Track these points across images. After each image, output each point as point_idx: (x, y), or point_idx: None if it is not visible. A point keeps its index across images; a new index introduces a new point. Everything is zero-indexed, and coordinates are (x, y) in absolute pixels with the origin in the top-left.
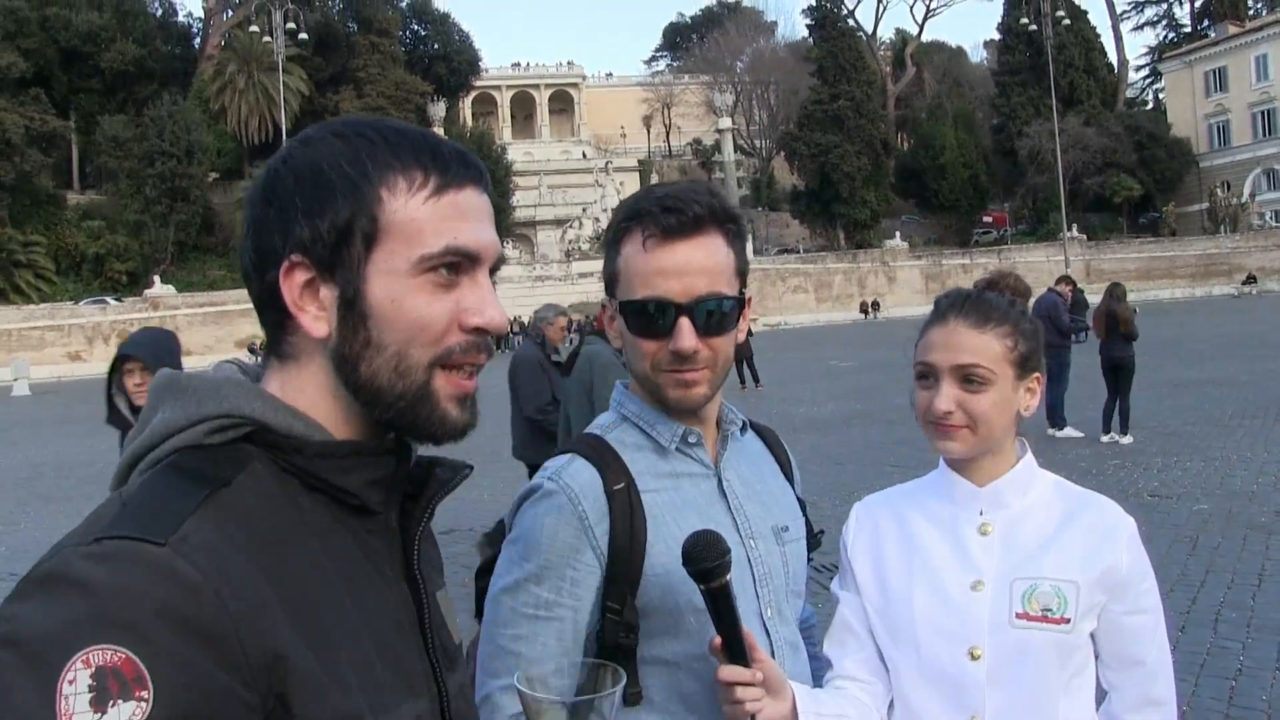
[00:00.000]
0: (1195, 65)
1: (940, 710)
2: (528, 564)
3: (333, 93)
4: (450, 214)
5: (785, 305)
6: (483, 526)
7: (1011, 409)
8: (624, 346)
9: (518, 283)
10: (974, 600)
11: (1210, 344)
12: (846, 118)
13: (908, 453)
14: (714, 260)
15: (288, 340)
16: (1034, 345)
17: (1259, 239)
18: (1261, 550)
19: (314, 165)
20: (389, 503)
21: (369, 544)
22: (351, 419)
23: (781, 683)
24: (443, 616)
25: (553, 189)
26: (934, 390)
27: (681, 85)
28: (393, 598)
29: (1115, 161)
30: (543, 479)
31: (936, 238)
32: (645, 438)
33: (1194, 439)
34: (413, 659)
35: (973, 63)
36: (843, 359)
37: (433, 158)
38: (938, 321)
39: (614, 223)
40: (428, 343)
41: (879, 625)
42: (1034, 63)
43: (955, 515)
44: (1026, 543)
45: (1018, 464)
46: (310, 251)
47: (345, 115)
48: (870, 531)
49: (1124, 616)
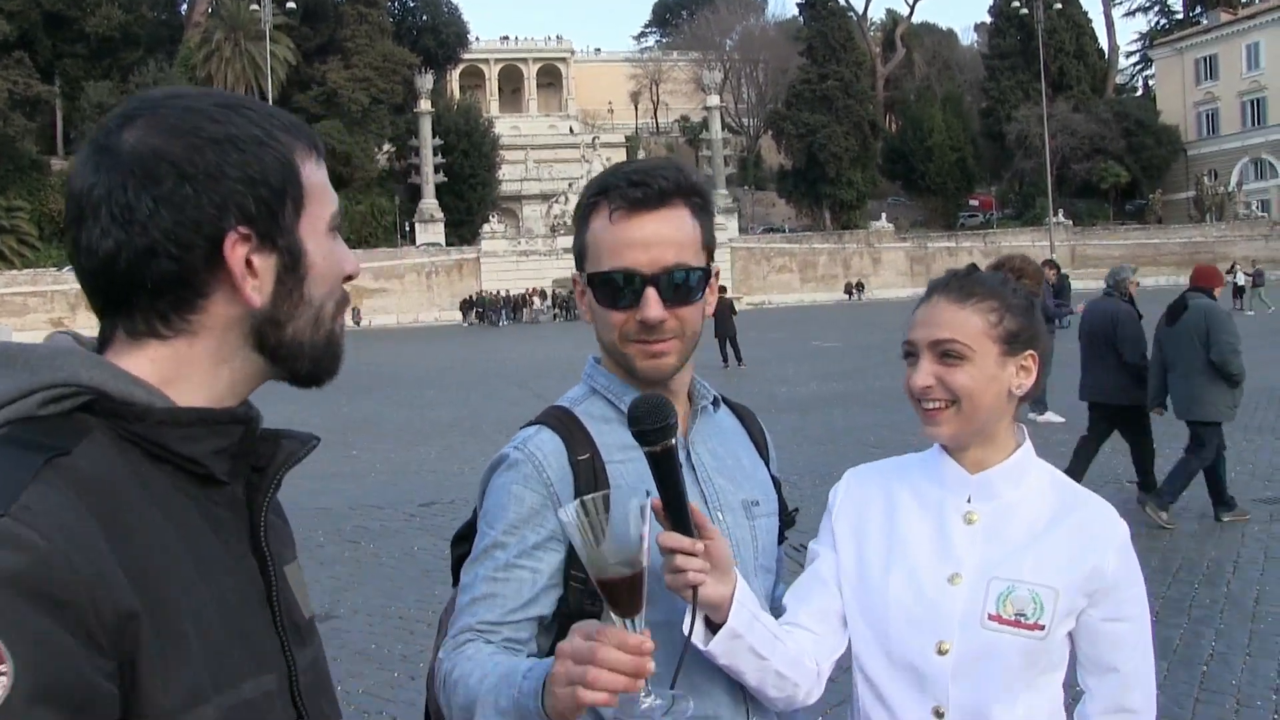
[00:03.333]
0: (1186, 52)
1: (904, 696)
2: (493, 530)
3: (320, 63)
4: (326, 177)
5: (770, 285)
6: (461, 499)
7: (998, 386)
8: (593, 320)
9: (503, 256)
10: (948, 595)
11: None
12: (835, 98)
13: (889, 435)
14: (680, 232)
15: (185, 318)
16: (1025, 322)
17: (1245, 228)
18: (1238, 538)
19: (230, 137)
20: (235, 474)
21: (215, 516)
22: (235, 385)
23: (728, 566)
24: (291, 591)
25: (539, 164)
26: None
27: (670, 62)
28: (240, 571)
29: (1103, 148)
30: (509, 449)
31: (922, 220)
32: (613, 410)
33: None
34: (261, 633)
35: (963, 45)
36: (826, 340)
37: (297, 127)
38: (924, 300)
39: (582, 198)
40: (336, 292)
41: (851, 602)
42: (1024, 47)
43: (943, 500)
44: (1011, 538)
45: (1014, 454)
46: (255, 221)
47: (338, 84)
48: (857, 502)
49: (1102, 623)
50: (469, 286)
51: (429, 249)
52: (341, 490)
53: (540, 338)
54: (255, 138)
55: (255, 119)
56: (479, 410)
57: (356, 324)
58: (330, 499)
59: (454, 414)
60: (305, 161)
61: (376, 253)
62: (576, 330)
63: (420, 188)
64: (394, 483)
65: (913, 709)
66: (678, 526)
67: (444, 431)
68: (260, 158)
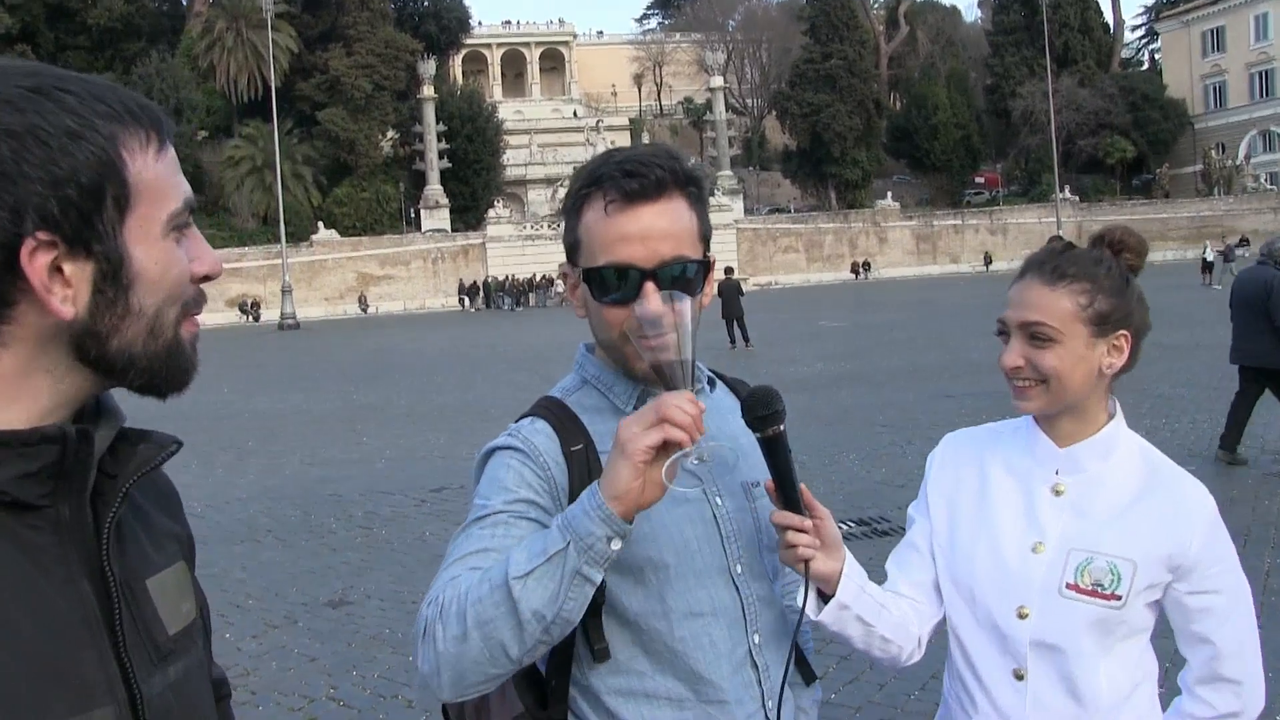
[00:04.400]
0: (1193, 25)
1: (989, 655)
2: (490, 501)
3: (322, 50)
4: (173, 169)
5: (776, 265)
6: (471, 484)
7: (1088, 367)
8: (588, 316)
9: (508, 242)
10: (1030, 563)
11: (1201, 307)
12: (839, 77)
13: (897, 415)
14: (678, 224)
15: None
16: (1118, 302)
17: (1253, 201)
18: (1249, 511)
19: (33, 129)
20: (60, 493)
21: (32, 542)
22: (61, 400)
23: (837, 544)
24: (153, 607)
25: (543, 148)
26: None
27: (673, 44)
28: (62, 599)
29: (1109, 123)
30: (504, 438)
31: (928, 198)
32: (605, 400)
33: (1182, 402)
34: (88, 666)
35: (967, 22)
36: (833, 320)
37: (142, 111)
38: (1018, 279)
39: (573, 189)
40: (178, 299)
41: (942, 565)
42: (1029, 22)
43: (1032, 471)
44: (1095, 511)
45: (1104, 428)
46: (60, 227)
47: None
48: (953, 473)
49: (1188, 596)
50: (475, 272)
51: (434, 235)
52: (352, 476)
53: (548, 322)
54: (66, 129)
55: (72, 105)
56: (486, 395)
57: (364, 311)
58: (341, 485)
59: (461, 399)
60: (136, 154)
61: (382, 240)
62: None
63: (425, 174)
64: (404, 468)
65: (996, 670)
66: (788, 505)
67: (452, 417)
68: (71, 153)
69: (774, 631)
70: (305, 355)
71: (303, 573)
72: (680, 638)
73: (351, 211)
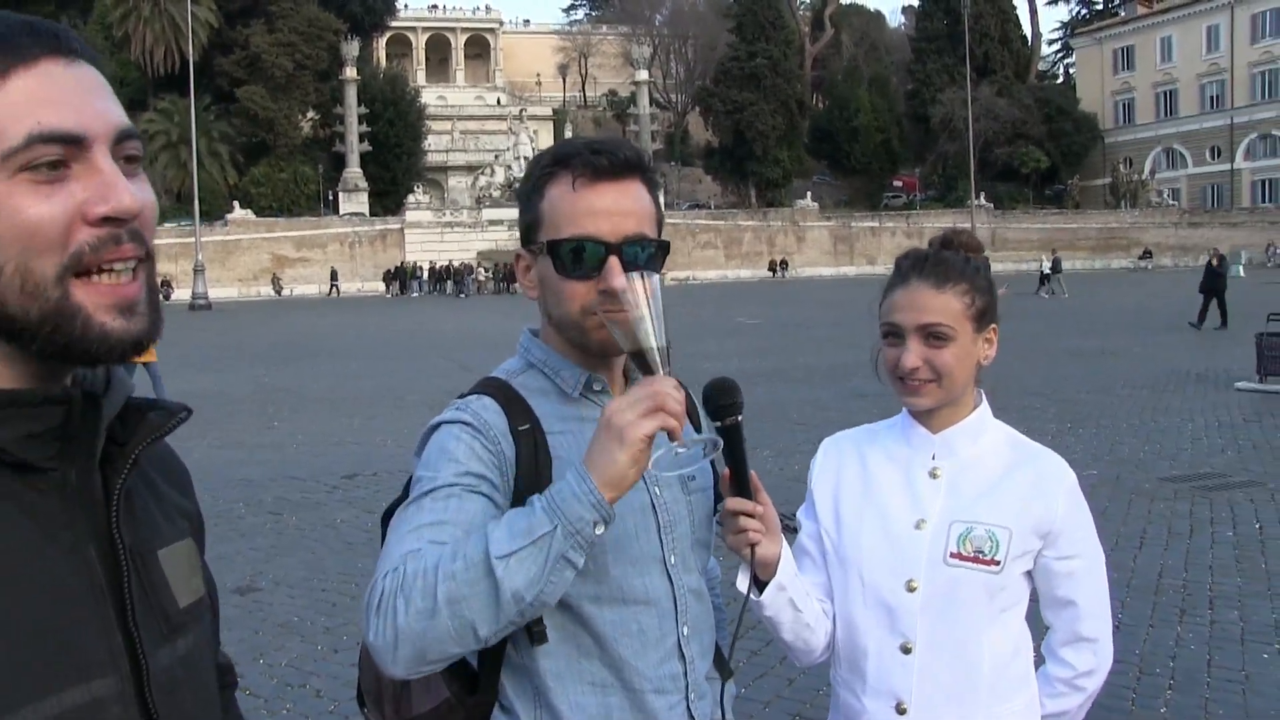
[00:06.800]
0: (1105, 43)
1: (878, 632)
2: (438, 475)
3: (243, 26)
4: (26, 97)
5: (694, 260)
6: (385, 471)
7: (972, 360)
8: (545, 293)
9: (427, 228)
10: (915, 538)
11: (1107, 315)
12: (763, 76)
13: (813, 411)
14: (640, 204)
15: None
16: (990, 298)
17: (1156, 215)
18: (1144, 515)
19: None
20: (67, 457)
21: (38, 506)
22: (13, 363)
23: (777, 530)
24: (165, 576)
25: (466, 135)
26: (901, 348)
27: (599, 35)
28: (67, 566)
29: (1025, 133)
30: (451, 411)
31: (847, 200)
32: (550, 383)
33: (1087, 407)
34: (90, 636)
35: (890, 27)
36: (750, 317)
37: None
38: (900, 283)
39: (536, 170)
40: (48, 250)
41: (831, 551)
42: (951, 30)
43: (910, 458)
44: (969, 488)
45: (971, 414)
46: None
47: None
48: (834, 465)
49: (1055, 561)
50: (393, 257)
51: (352, 219)
52: (262, 461)
53: (467, 310)
54: None
55: None
56: (403, 382)
57: (278, 293)
58: (251, 470)
59: (377, 385)
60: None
61: (299, 221)
62: (505, 303)
63: (345, 156)
64: (316, 454)
65: (884, 647)
66: (740, 492)
67: (367, 403)
68: None
69: (701, 625)
70: (217, 336)
71: (210, 559)
72: (610, 622)
73: (268, 192)
